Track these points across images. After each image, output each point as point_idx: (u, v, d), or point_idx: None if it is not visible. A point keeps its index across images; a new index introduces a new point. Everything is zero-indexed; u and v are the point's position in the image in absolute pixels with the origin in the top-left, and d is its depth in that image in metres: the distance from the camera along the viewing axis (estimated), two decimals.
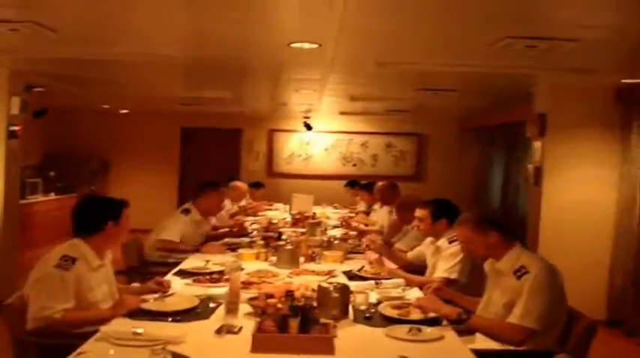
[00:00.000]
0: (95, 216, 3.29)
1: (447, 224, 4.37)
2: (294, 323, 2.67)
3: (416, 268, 4.67)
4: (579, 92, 6.01)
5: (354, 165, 12.08)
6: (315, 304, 2.88)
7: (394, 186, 6.84)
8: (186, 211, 5.62)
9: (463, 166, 11.18)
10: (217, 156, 12.12)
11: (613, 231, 5.99)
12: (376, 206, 7.70)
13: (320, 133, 11.96)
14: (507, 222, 6.83)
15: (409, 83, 6.55)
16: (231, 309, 3.00)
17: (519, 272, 3.12)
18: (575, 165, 6.04)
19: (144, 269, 5.25)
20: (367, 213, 8.64)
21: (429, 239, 4.73)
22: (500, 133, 9.33)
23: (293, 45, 4.46)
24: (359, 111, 10.23)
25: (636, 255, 5.69)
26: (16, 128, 6.14)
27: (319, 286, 3.19)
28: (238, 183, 8.66)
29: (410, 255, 4.93)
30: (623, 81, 5.54)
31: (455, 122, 11.47)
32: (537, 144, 6.19)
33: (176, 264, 5.09)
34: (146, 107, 10.79)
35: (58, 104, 9.89)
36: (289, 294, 2.78)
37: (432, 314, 3.21)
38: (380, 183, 7.14)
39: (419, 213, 4.47)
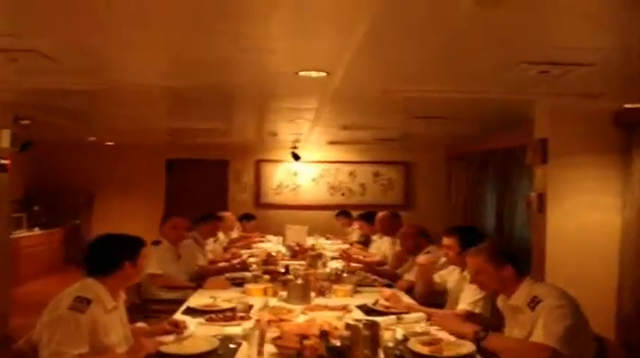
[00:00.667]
0: (112, 256, 3.11)
1: None
2: None
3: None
4: (578, 117, 5.95)
5: (343, 194, 11.96)
6: (358, 345, 2.71)
7: (396, 216, 6.72)
8: (156, 243, 5.44)
9: (452, 194, 11.11)
10: (204, 188, 11.92)
11: (619, 256, 5.90)
12: (375, 236, 7.56)
13: (307, 163, 11.83)
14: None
15: (407, 111, 6.46)
16: (261, 352, 2.83)
17: (533, 303, 3.02)
18: (579, 192, 5.96)
19: (145, 306, 5.05)
20: (360, 242, 8.52)
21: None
22: (492, 160, 9.29)
23: (301, 73, 4.35)
24: (347, 140, 10.14)
25: None
26: (5, 161, 5.94)
27: (348, 324, 3.04)
28: (227, 214, 8.51)
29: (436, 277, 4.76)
30: (626, 106, 5.50)
31: (441, 149, 11.43)
32: (539, 171, 6.12)
33: (177, 301, 4.92)
34: (132, 139, 10.60)
35: (42, 136, 9.67)
36: (324, 334, 2.62)
37: (464, 351, 3.07)
38: (381, 214, 7.01)
39: (446, 241, 4.33)
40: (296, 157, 11.40)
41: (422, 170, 11.95)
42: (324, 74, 4.39)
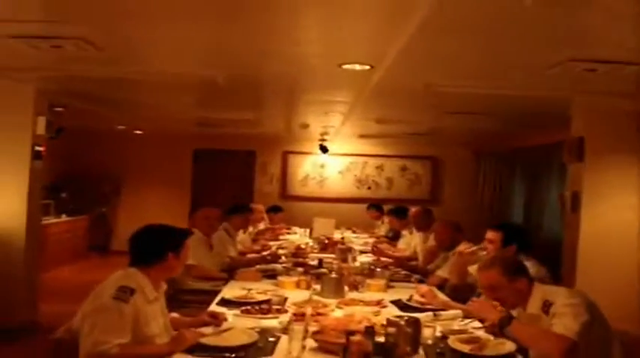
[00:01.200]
0: (155, 246, 3.10)
1: (516, 250, 4.21)
2: None
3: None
4: (616, 117, 5.88)
5: (369, 188, 11.93)
6: (398, 342, 2.68)
7: (429, 211, 6.65)
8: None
9: (479, 190, 11.03)
10: (230, 179, 11.95)
11: None
12: (405, 231, 7.51)
13: (334, 156, 11.81)
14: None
15: (444, 106, 6.41)
16: (304, 346, 2.82)
17: (545, 307, 2.99)
18: (614, 191, 5.89)
19: (176, 297, 5.06)
20: (388, 237, 8.47)
21: None
22: (520, 157, 9.20)
23: (345, 66, 4.32)
24: (377, 134, 10.08)
25: None
26: (40, 148, 5.97)
27: (389, 320, 3.00)
28: (257, 206, 8.51)
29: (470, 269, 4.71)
30: None
31: (469, 145, 11.35)
32: (574, 169, 6.05)
33: (208, 292, 4.93)
34: (160, 128, 10.63)
35: (72, 124, 9.74)
36: (370, 331, 2.59)
37: (505, 349, 3.03)
38: (414, 209, 6.94)
39: (490, 234, 4.29)
40: (324, 150, 11.37)
41: (449, 166, 11.87)
42: (367, 67, 4.36)
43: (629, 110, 5.75)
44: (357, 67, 4.30)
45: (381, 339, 2.67)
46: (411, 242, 6.96)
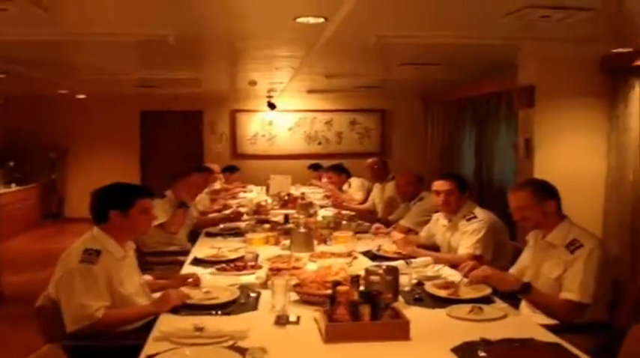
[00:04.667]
0: (98, 205, 3.09)
1: (466, 198, 4.32)
2: (365, 310, 2.55)
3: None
4: (565, 62, 5.98)
5: (320, 143, 11.95)
6: (380, 289, 2.75)
7: (385, 162, 6.74)
8: (162, 196, 5.35)
9: (429, 141, 11.18)
10: (179, 139, 11.81)
11: (604, 201, 6.05)
12: (345, 186, 7.64)
13: (283, 112, 11.74)
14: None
15: (396, 58, 6.43)
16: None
17: (572, 246, 3.09)
18: (565, 136, 6.03)
19: (141, 259, 5.02)
20: None
21: (437, 216, 4.66)
22: (471, 106, 9.34)
23: (299, 20, 4.27)
24: (327, 88, 10.06)
25: (630, 225, 5.76)
26: None
27: (368, 269, 3.07)
28: (214, 166, 8.46)
29: (422, 234, 4.82)
30: (614, 50, 5.55)
31: (418, 97, 11.46)
32: (526, 116, 6.19)
33: (174, 253, 4.93)
34: (104, 91, 10.34)
35: (14, 91, 9.41)
36: (355, 280, 2.65)
37: (481, 293, 3.14)
38: (370, 160, 7.01)
39: (445, 185, 4.32)
40: (272, 106, 11.30)
41: (398, 118, 11.97)
42: (322, 20, 4.32)
43: (580, 55, 5.88)
44: (312, 19, 4.25)
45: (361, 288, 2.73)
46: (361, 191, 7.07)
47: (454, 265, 3.92)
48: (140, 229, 3.28)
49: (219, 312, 2.88)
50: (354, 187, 8.00)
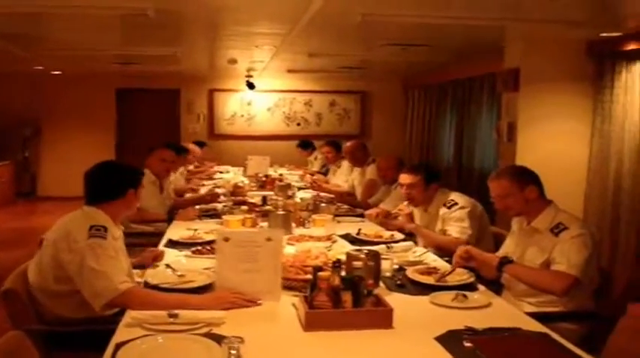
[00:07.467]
0: (117, 181, 2.96)
1: (437, 188, 4.23)
2: (347, 297, 2.44)
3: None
4: (550, 46, 5.93)
5: (298, 124, 11.80)
6: (362, 275, 2.64)
7: (364, 146, 6.63)
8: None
9: (409, 123, 11.09)
10: (155, 118, 11.58)
11: (586, 186, 6.02)
12: (341, 163, 7.44)
13: (262, 92, 11.57)
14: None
15: (381, 38, 6.30)
16: None
17: (557, 229, 3.02)
18: (548, 121, 5.99)
19: None
20: (321, 173, 8.45)
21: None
22: (452, 90, 9.26)
23: None
24: (307, 68, 9.89)
25: (611, 209, 5.74)
26: None
27: (350, 254, 2.97)
28: (192, 146, 8.30)
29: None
30: (602, 34, 5.48)
31: (398, 79, 11.36)
32: (510, 100, 6.12)
33: (152, 234, 4.77)
34: (80, 68, 10.08)
35: None
36: (336, 265, 2.53)
37: (463, 280, 3.05)
38: (349, 143, 6.87)
39: (409, 178, 4.19)
40: (251, 86, 11.12)
41: (378, 100, 11.87)
42: None
43: (566, 39, 5.80)
44: None
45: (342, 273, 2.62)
46: (349, 176, 6.94)
47: (440, 248, 3.87)
48: (134, 209, 3.17)
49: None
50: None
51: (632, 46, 5.35)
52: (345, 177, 7.22)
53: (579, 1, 4.25)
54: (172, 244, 3.91)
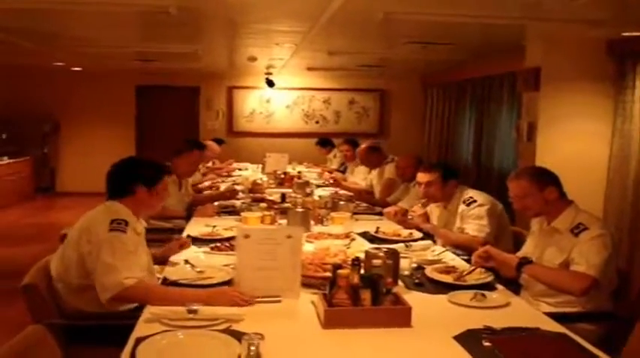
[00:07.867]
0: (125, 178, 2.99)
1: (455, 185, 4.22)
2: (366, 295, 2.45)
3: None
4: (571, 45, 5.87)
5: (317, 122, 11.80)
6: (381, 273, 2.65)
7: (375, 148, 6.62)
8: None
9: (427, 121, 11.06)
10: (174, 115, 11.65)
11: (606, 186, 5.96)
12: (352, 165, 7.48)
13: (281, 90, 11.58)
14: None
15: (403, 36, 6.28)
16: None
17: (577, 230, 3.01)
18: (569, 121, 5.94)
19: None
20: (340, 171, 8.45)
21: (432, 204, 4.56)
22: (471, 89, 9.21)
23: None
24: (326, 66, 9.89)
25: (631, 210, 5.68)
26: None
27: (368, 252, 2.98)
28: (212, 143, 8.33)
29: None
30: (624, 34, 5.42)
31: (417, 77, 11.32)
32: (531, 99, 6.08)
33: (171, 230, 4.80)
34: (101, 65, 10.16)
35: (6, 62, 9.22)
36: (356, 263, 2.54)
37: (481, 279, 3.05)
38: (360, 149, 6.87)
39: (426, 177, 4.21)
40: (270, 84, 11.14)
41: (397, 98, 11.84)
42: None
43: (587, 39, 5.74)
44: None
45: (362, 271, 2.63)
46: (368, 174, 6.94)
47: (459, 247, 3.87)
48: (157, 207, 3.22)
49: None
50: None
51: None
52: (363, 175, 7.23)
53: (600, 1, 4.21)
54: (191, 240, 3.93)
